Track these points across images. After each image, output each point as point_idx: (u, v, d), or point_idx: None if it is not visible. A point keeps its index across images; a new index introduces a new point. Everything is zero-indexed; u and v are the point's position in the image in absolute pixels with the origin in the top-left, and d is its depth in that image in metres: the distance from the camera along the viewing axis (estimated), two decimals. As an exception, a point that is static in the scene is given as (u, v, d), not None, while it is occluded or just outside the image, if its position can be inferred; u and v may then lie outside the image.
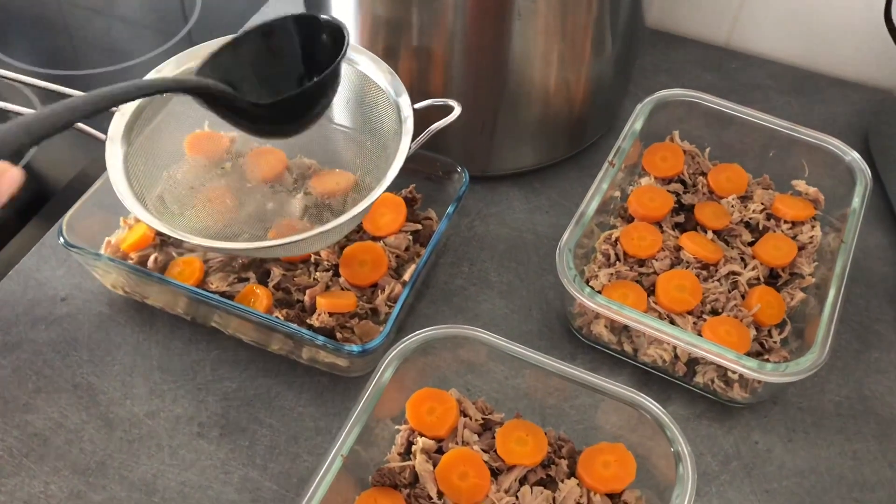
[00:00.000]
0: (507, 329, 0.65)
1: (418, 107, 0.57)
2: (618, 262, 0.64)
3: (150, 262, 0.62)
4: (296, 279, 0.62)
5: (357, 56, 0.59)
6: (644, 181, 0.70)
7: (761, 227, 0.67)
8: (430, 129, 0.57)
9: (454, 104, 0.57)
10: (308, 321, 0.59)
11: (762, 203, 0.68)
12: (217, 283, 0.61)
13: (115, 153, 0.54)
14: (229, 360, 0.62)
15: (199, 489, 0.55)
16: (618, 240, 0.65)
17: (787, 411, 0.61)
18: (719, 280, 0.63)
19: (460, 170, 0.66)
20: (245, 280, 0.62)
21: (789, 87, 0.85)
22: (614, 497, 0.52)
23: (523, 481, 0.53)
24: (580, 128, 0.75)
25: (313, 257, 0.63)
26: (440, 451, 0.53)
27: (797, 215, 0.66)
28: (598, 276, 0.63)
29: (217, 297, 0.58)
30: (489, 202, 0.73)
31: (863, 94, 0.84)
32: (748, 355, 0.57)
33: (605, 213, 0.67)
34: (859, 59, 0.85)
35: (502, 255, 0.70)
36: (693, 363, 0.60)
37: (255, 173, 0.66)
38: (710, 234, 0.66)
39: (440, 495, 0.51)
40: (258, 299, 0.60)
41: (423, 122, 0.58)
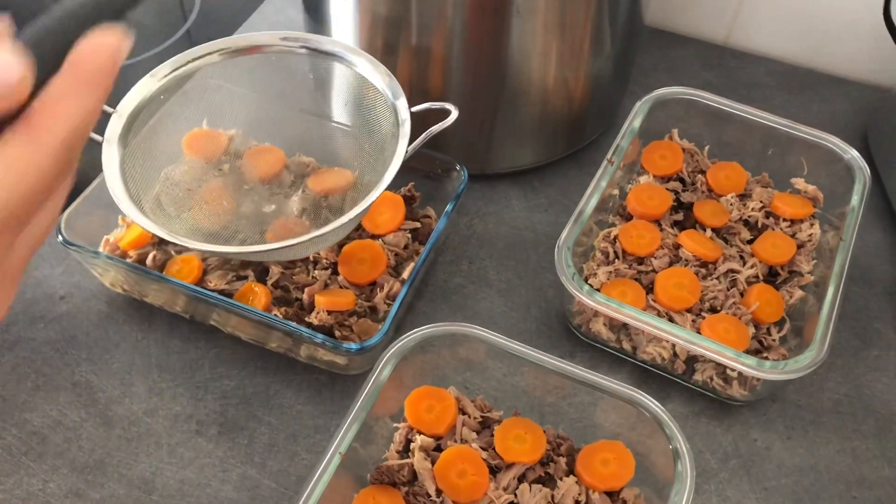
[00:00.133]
0: (506, 327, 0.65)
1: (416, 110, 0.57)
2: (617, 260, 0.64)
3: (148, 261, 0.62)
4: (294, 277, 0.62)
5: (355, 58, 0.59)
6: (643, 179, 0.70)
7: (760, 225, 0.67)
8: (427, 132, 0.57)
9: (451, 108, 0.57)
10: (307, 319, 0.59)
11: (761, 201, 0.68)
12: (216, 282, 0.61)
13: (111, 155, 0.54)
14: (228, 358, 0.62)
15: (198, 487, 0.56)
16: (617, 238, 0.65)
17: (786, 409, 0.61)
18: (718, 278, 0.63)
19: (459, 168, 0.66)
20: (244, 278, 0.62)
21: (788, 85, 0.85)
22: (613, 495, 0.52)
23: (522, 479, 0.53)
24: (579, 126, 0.75)
25: (312, 255, 0.63)
26: (439, 448, 0.53)
27: (796, 213, 0.66)
28: (596, 274, 0.63)
29: (216, 295, 0.58)
30: (488, 200, 0.73)
31: (862, 92, 0.84)
32: (747, 353, 0.57)
33: (604, 212, 0.67)
34: (858, 57, 0.85)
35: (501, 253, 0.70)
36: (692, 361, 0.60)
37: (253, 172, 0.65)
38: (708, 232, 0.66)
39: (439, 493, 0.51)
40: (257, 297, 0.60)
41: (422, 122, 0.58)
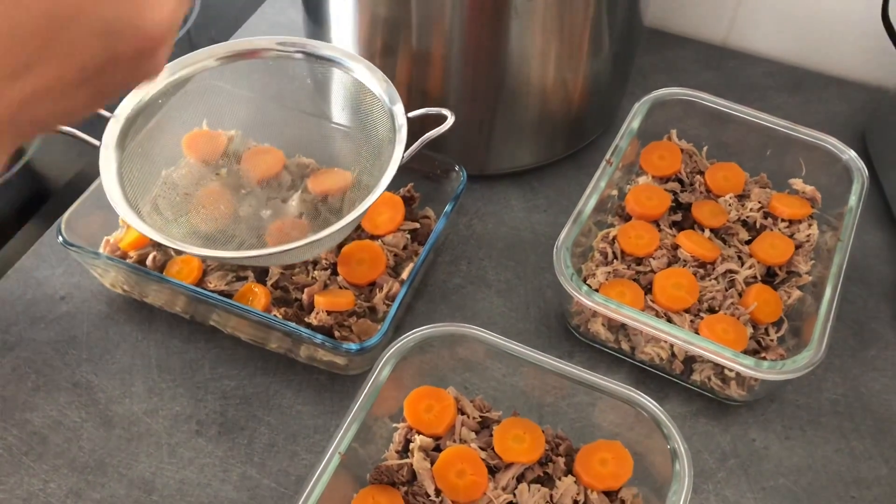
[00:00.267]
0: (505, 327, 0.65)
1: (412, 115, 0.57)
2: (615, 261, 0.64)
3: (148, 261, 0.63)
4: (294, 278, 0.62)
5: (353, 63, 0.59)
6: (641, 180, 0.70)
7: (758, 225, 0.67)
8: (422, 138, 0.57)
9: (447, 113, 0.57)
10: (306, 319, 0.59)
11: (759, 201, 0.68)
12: (215, 282, 0.62)
13: (109, 159, 0.54)
14: (228, 359, 0.62)
15: (198, 487, 0.56)
16: (615, 238, 0.65)
17: (784, 409, 0.61)
18: (716, 278, 0.63)
19: (458, 168, 0.66)
20: (243, 279, 0.62)
21: (786, 86, 0.85)
22: (611, 494, 0.52)
23: (521, 479, 0.53)
24: (578, 127, 0.75)
25: (311, 256, 0.64)
26: (438, 448, 0.54)
27: (794, 214, 0.67)
28: (595, 274, 0.63)
29: (216, 295, 0.58)
30: (487, 201, 0.73)
31: (860, 93, 0.85)
32: (745, 353, 0.57)
33: (602, 212, 0.67)
34: (856, 57, 0.85)
35: (500, 253, 0.70)
36: (690, 361, 0.60)
37: (252, 174, 0.66)
38: (707, 233, 0.66)
39: (438, 493, 0.51)
40: (256, 298, 0.60)
41: (420, 125, 0.58)
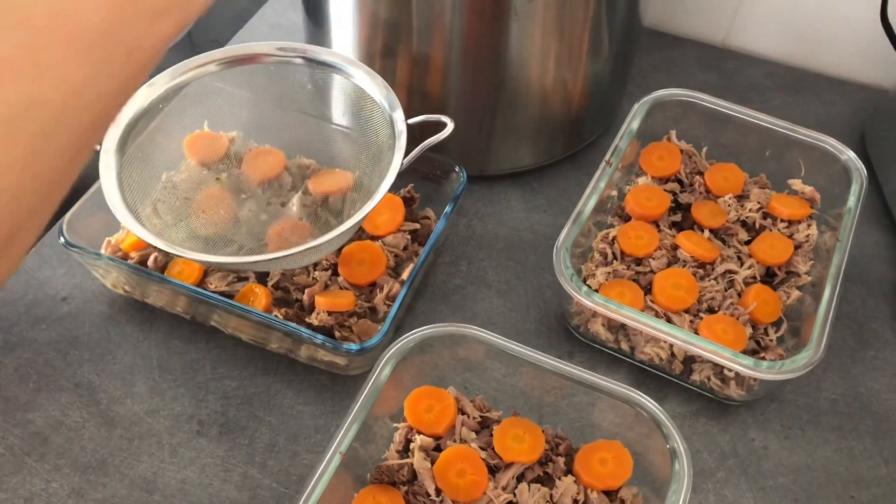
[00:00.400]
0: (505, 327, 0.65)
1: (412, 122, 0.57)
2: (615, 261, 0.64)
3: (150, 262, 0.63)
4: (295, 278, 0.63)
5: (353, 69, 0.60)
6: (641, 180, 0.70)
7: (758, 225, 0.67)
8: (421, 145, 0.57)
9: (447, 120, 0.57)
10: (307, 320, 0.59)
11: (758, 202, 0.68)
12: (216, 283, 0.62)
13: (108, 164, 0.54)
14: (229, 359, 0.62)
15: (199, 487, 0.56)
16: (615, 239, 0.65)
17: (783, 409, 0.61)
18: (716, 278, 0.63)
19: (458, 169, 0.66)
20: (244, 279, 0.62)
21: (786, 87, 0.86)
22: (611, 494, 0.52)
23: (521, 478, 0.53)
24: (577, 127, 0.75)
25: (312, 256, 0.64)
26: (438, 448, 0.54)
27: (793, 214, 0.67)
28: (595, 274, 0.64)
29: (216, 296, 0.58)
30: (487, 201, 0.74)
31: (859, 94, 0.85)
32: (744, 353, 0.57)
33: (602, 213, 0.67)
34: (855, 58, 0.85)
35: (500, 254, 0.70)
36: (689, 361, 0.60)
37: (253, 175, 0.66)
38: (706, 233, 0.66)
39: (438, 492, 0.51)
40: (257, 298, 0.60)
41: (420, 129, 0.58)
